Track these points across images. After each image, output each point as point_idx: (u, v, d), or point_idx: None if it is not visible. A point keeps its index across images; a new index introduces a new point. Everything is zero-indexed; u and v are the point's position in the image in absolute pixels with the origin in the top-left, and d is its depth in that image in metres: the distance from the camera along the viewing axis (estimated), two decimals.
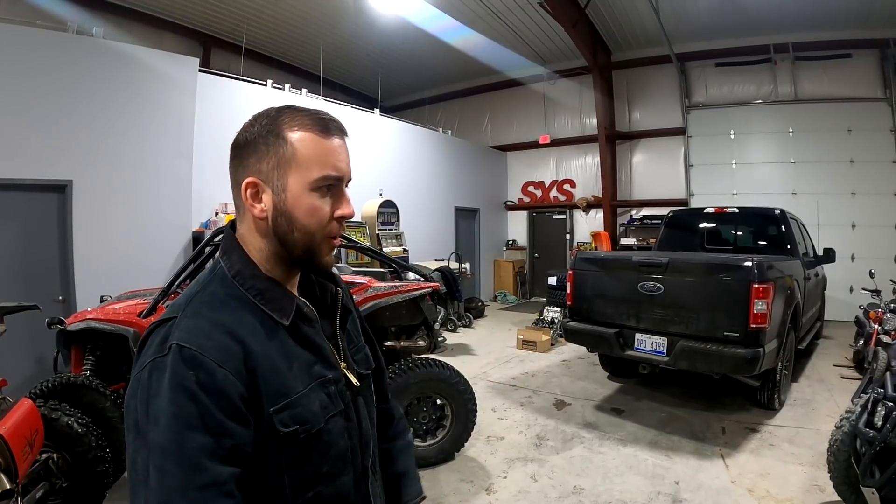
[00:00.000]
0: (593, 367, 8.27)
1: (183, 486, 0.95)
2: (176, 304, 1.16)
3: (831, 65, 12.36)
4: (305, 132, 1.17)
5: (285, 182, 1.16)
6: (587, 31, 12.95)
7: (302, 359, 1.19)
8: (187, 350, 1.02)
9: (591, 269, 6.61)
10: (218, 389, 1.01)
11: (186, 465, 0.96)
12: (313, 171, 1.16)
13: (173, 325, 1.08)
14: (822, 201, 12.24)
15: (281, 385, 1.11)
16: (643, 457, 5.21)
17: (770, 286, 5.36)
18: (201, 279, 1.22)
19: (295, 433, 1.11)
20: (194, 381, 1.00)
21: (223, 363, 1.04)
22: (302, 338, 1.21)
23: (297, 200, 1.17)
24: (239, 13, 12.34)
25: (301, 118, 1.18)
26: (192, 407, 0.99)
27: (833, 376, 7.74)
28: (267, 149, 1.16)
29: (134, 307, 4.94)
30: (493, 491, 4.60)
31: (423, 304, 5.45)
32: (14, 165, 6.45)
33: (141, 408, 1.01)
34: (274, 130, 1.17)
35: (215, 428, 1.00)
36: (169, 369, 1.01)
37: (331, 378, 1.23)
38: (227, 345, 1.07)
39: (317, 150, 1.17)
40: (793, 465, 4.91)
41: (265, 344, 1.12)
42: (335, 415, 1.21)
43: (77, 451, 3.82)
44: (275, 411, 1.09)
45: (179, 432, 0.97)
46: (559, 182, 16.45)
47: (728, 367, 5.48)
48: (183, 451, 0.97)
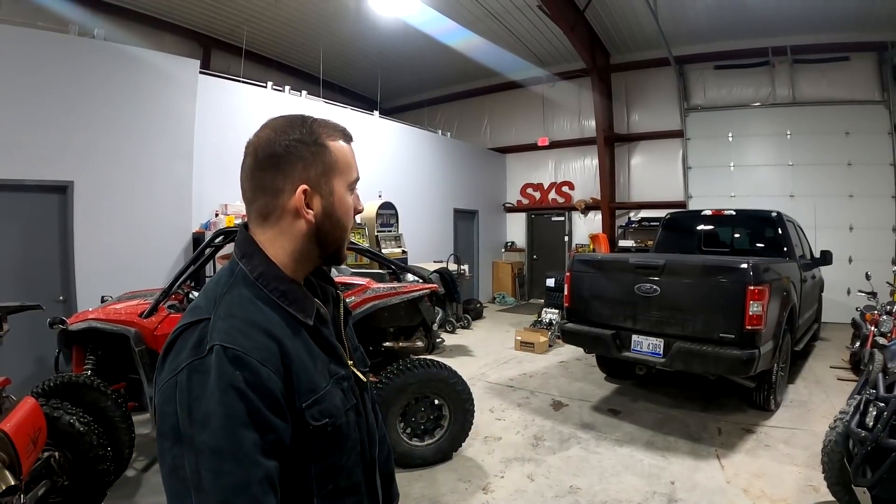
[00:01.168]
0: (591, 369, 8.31)
1: (243, 484, 0.99)
2: (199, 306, 1.19)
3: (829, 67, 12.41)
4: (338, 141, 1.28)
5: (332, 187, 1.26)
6: (586, 34, 12.99)
7: (321, 357, 1.25)
8: (231, 350, 1.05)
9: (589, 271, 6.65)
10: (263, 387, 1.05)
11: (244, 462, 1.00)
12: (350, 174, 1.30)
13: (206, 326, 1.10)
14: (819, 204, 12.27)
15: (310, 382, 1.17)
16: (639, 457, 5.25)
17: (766, 288, 5.40)
18: (222, 281, 1.23)
19: (324, 427, 1.17)
20: (242, 381, 1.03)
21: (265, 362, 1.07)
22: (321, 338, 1.27)
23: (341, 201, 1.28)
24: (239, 15, 12.36)
25: (329, 128, 1.28)
26: (243, 406, 1.02)
27: (829, 378, 7.77)
28: (312, 157, 1.23)
29: (135, 308, 4.99)
30: (491, 490, 4.65)
31: (422, 305, 5.50)
32: (16, 166, 6.49)
33: (182, 412, 1.02)
34: (316, 140, 1.24)
35: (263, 424, 1.04)
36: (214, 370, 1.03)
37: (343, 375, 1.29)
38: (267, 344, 1.11)
39: (348, 155, 1.30)
40: (788, 466, 4.95)
41: (295, 342, 1.17)
42: (349, 409, 1.28)
43: (79, 450, 3.86)
44: (306, 406, 1.14)
45: (234, 431, 1.00)
46: (558, 184, 16.48)
47: (724, 368, 5.52)
48: (240, 449, 1.00)
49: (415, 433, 5.05)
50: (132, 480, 4.77)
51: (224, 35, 13.34)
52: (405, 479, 4.71)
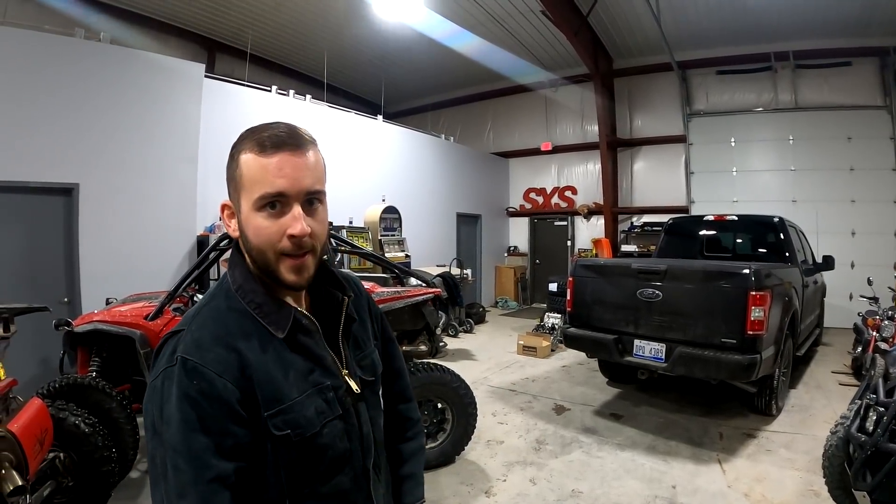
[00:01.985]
0: (593, 373, 8.33)
1: (193, 480, 1.07)
2: (187, 316, 1.27)
3: (831, 73, 12.43)
4: (248, 153, 1.19)
5: (239, 204, 1.23)
6: (589, 39, 13.01)
7: (298, 367, 1.26)
8: (190, 362, 1.13)
9: (591, 276, 6.67)
10: (217, 397, 1.12)
11: (194, 463, 1.08)
12: (254, 192, 1.18)
13: (180, 338, 1.19)
14: (821, 209, 12.28)
15: (275, 392, 1.20)
16: (641, 461, 5.27)
17: (767, 293, 5.42)
18: (211, 292, 1.33)
19: (287, 436, 1.19)
20: (196, 391, 1.11)
21: (222, 374, 1.14)
22: (299, 347, 1.28)
23: (247, 221, 1.22)
24: (243, 18, 12.41)
25: (251, 139, 1.21)
26: (195, 413, 1.10)
27: (831, 383, 7.78)
28: (230, 173, 1.24)
29: (140, 310, 5.00)
30: (493, 494, 4.67)
31: (425, 309, 5.51)
32: (21, 168, 6.53)
33: (156, 412, 1.13)
34: (233, 155, 1.23)
35: (217, 430, 1.11)
36: (175, 379, 1.12)
37: (329, 385, 1.29)
38: (226, 357, 1.17)
39: (255, 170, 1.18)
40: (789, 471, 4.96)
41: (261, 354, 1.21)
42: (333, 419, 1.28)
43: (83, 451, 3.89)
44: (269, 416, 1.18)
45: (186, 434, 1.09)
46: (561, 189, 16.49)
47: (725, 373, 5.54)
48: (190, 450, 1.08)
49: None
50: (136, 482, 4.79)
51: (228, 39, 13.39)
52: None
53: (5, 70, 6.48)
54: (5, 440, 2.89)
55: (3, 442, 2.87)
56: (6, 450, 2.88)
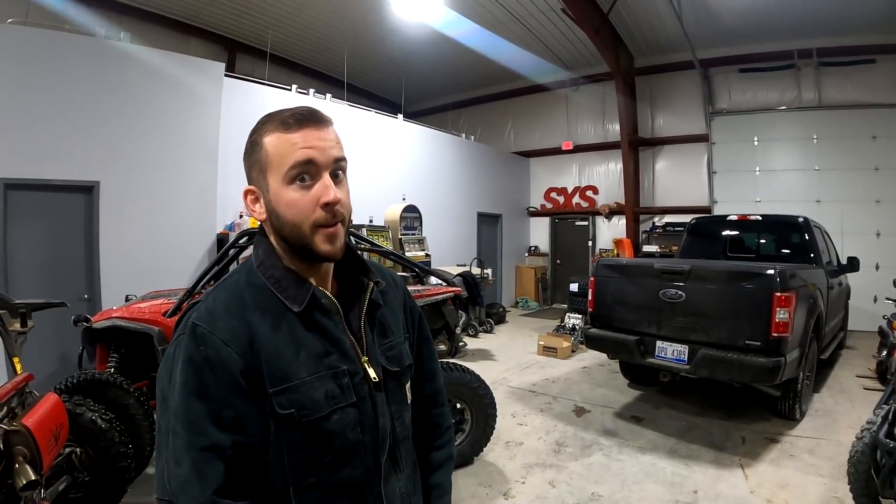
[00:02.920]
0: (614, 375, 8.27)
1: (187, 446, 1.09)
2: (209, 290, 1.30)
3: (855, 70, 12.22)
4: (272, 133, 1.22)
5: (267, 184, 1.24)
6: (610, 37, 12.93)
7: (312, 347, 1.24)
8: (200, 328, 1.16)
9: (613, 276, 6.62)
10: (221, 365, 1.13)
11: (190, 427, 1.10)
12: (283, 166, 1.20)
13: (196, 307, 1.23)
14: (846, 209, 12.07)
15: (282, 369, 1.18)
16: (662, 465, 5.21)
17: (792, 295, 5.34)
18: (235, 269, 1.36)
19: (291, 416, 1.17)
20: (201, 356, 1.13)
21: (228, 342, 1.15)
22: (316, 327, 1.26)
23: (278, 197, 1.23)
24: (264, 19, 12.49)
25: (272, 122, 1.24)
26: (197, 377, 1.12)
27: (855, 387, 7.65)
28: (251, 158, 1.26)
29: (159, 307, 5.03)
30: (511, 496, 4.63)
31: (445, 308, 5.49)
32: (43, 166, 6.65)
33: (166, 377, 1.17)
34: (255, 140, 1.25)
35: (217, 398, 1.12)
36: (184, 344, 1.15)
37: (345, 370, 1.26)
38: (236, 327, 1.17)
39: (282, 145, 1.21)
40: (812, 477, 4.87)
41: (273, 330, 1.20)
42: (345, 406, 1.24)
43: (100, 446, 3.93)
44: (274, 392, 1.17)
45: (186, 398, 1.11)
46: (582, 188, 16.42)
47: (749, 375, 5.45)
48: (188, 414, 1.10)
49: None
50: (152, 478, 4.80)
51: (249, 39, 13.48)
52: None
53: (28, 70, 6.61)
54: (19, 434, 2.91)
55: (17, 436, 2.90)
56: (20, 444, 2.90)
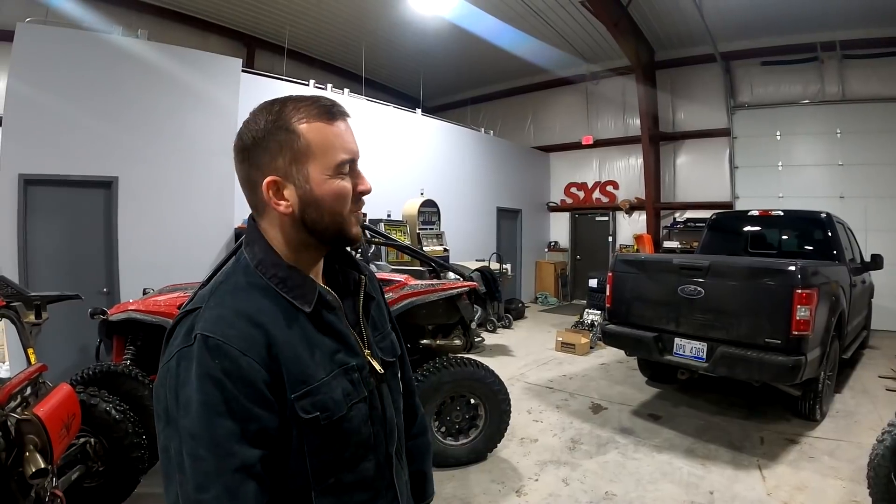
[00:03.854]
0: (632, 372, 8.22)
1: (216, 471, 1.00)
2: (202, 294, 1.21)
3: (880, 63, 11.94)
4: (313, 122, 1.18)
5: (306, 174, 1.18)
6: (629, 30, 12.81)
7: (324, 346, 1.21)
8: (212, 339, 1.06)
9: (631, 272, 6.57)
10: (242, 377, 1.05)
11: (218, 451, 1.01)
12: (331, 157, 1.18)
13: (198, 315, 1.12)
14: (870, 205, 11.86)
15: (302, 372, 1.14)
16: (678, 464, 5.15)
17: (814, 292, 5.24)
18: (226, 269, 1.27)
19: (316, 419, 1.14)
20: (220, 370, 1.04)
21: (246, 351, 1.07)
22: (324, 325, 1.23)
23: (324, 187, 1.19)
24: (282, 15, 12.57)
25: (305, 108, 1.19)
26: (219, 394, 1.03)
27: (878, 388, 7.52)
28: (279, 146, 1.17)
29: (175, 300, 5.07)
30: (524, 493, 4.62)
31: (461, 303, 5.47)
32: (63, 162, 6.77)
33: (171, 396, 1.06)
34: (283, 125, 1.18)
35: (242, 413, 1.04)
36: (195, 359, 1.05)
37: (355, 365, 1.25)
38: (250, 333, 1.10)
39: (328, 137, 1.18)
40: (832, 480, 4.79)
41: (287, 331, 1.15)
42: (359, 401, 1.23)
43: (114, 437, 3.98)
44: (296, 398, 1.12)
45: (209, 419, 1.02)
46: (602, 183, 16.33)
47: (769, 374, 5.37)
48: (213, 437, 1.01)
49: (449, 432, 5.05)
50: None
51: (267, 35, 13.55)
52: (437, 479, 4.67)
53: (47, 68, 6.72)
54: (31, 424, 2.92)
55: (28, 425, 2.91)
56: (31, 433, 2.91)
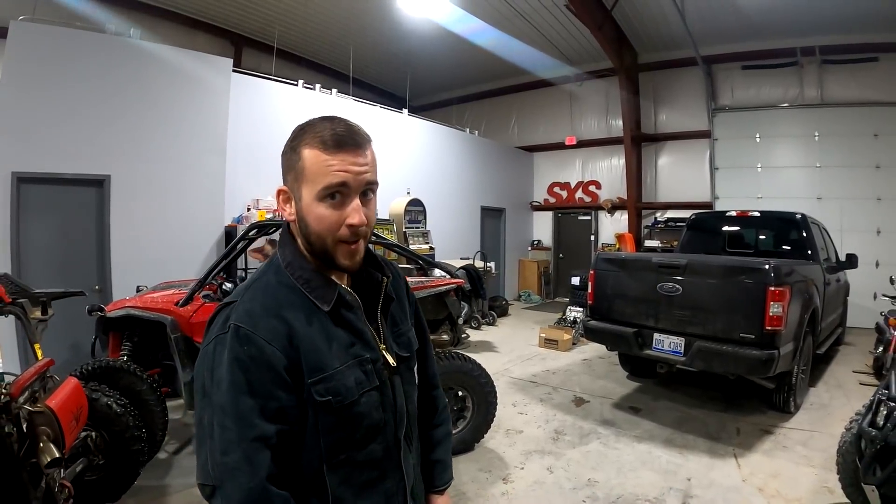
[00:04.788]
0: (613, 367, 8.41)
1: (238, 439, 1.19)
2: (239, 289, 1.40)
3: (858, 68, 12.24)
4: (313, 149, 1.30)
5: (300, 193, 1.34)
6: (613, 33, 13.01)
7: (341, 340, 1.37)
8: (242, 329, 1.25)
9: (612, 270, 6.74)
10: (266, 362, 1.24)
11: (240, 423, 1.20)
12: (317, 184, 1.30)
13: (234, 307, 1.31)
14: (846, 206, 12.13)
15: (319, 361, 1.31)
16: (657, 453, 5.35)
17: (786, 289, 5.45)
18: (261, 268, 1.45)
19: (329, 402, 1.30)
20: (247, 356, 1.23)
21: (271, 341, 1.25)
22: (342, 321, 1.39)
23: (308, 209, 1.33)
24: (270, 14, 12.61)
25: (314, 134, 1.32)
26: (245, 376, 1.22)
27: (852, 382, 7.75)
28: (290, 163, 1.35)
29: (171, 297, 5.20)
30: (510, 481, 4.78)
31: (448, 299, 5.63)
32: (55, 161, 6.80)
33: (207, 375, 1.26)
34: (294, 147, 1.33)
35: (263, 393, 1.23)
36: (228, 344, 1.24)
37: (368, 358, 1.40)
38: (276, 326, 1.28)
39: (320, 164, 1.29)
40: (804, 467, 5.00)
41: (307, 325, 1.32)
42: (370, 390, 1.39)
43: (115, 430, 4.06)
44: (312, 383, 1.29)
45: (235, 396, 1.21)
46: (585, 183, 16.52)
47: (743, 367, 5.57)
48: (238, 411, 1.20)
49: None
50: (164, 462, 5.02)
51: (255, 33, 13.60)
52: None
53: (40, 66, 6.74)
54: (44, 415, 3.03)
55: (41, 417, 3.02)
56: (44, 424, 3.02)
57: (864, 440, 3.47)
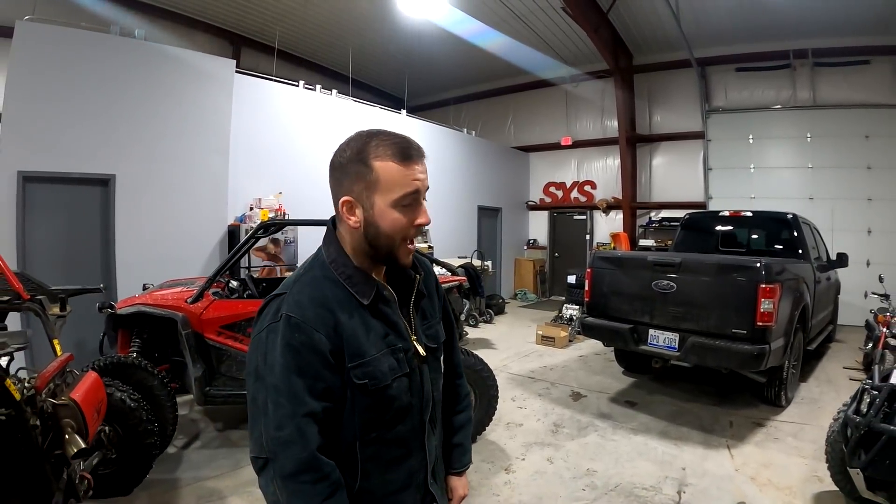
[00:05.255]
0: (609, 363, 8.55)
1: (291, 415, 1.36)
2: (287, 282, 1.55)
3: (850, 71, 12.42)
4: (387, 161, 1.45)
5: (372, 201, 1.46)
6: (609, 36, 13.16)
7: (378, 330, 1.53)
8: (293, 319, 1.41)
9: (609, 268, 6.88)
10: (314, 347, 1.40)
11: (294, 400, 1.37)
12: (394, 193, 1.46)
13: (283, 299, 1.47)
14: (838, 206, 12.29)
15: (359, 348, 1.47)
16: (653, 445, 5.51)
17: (777, 287, 5.61)
18: (307, 263, 1.60)
19: (365, 385, 1.47)
20: (298, 342, 1.39)
21: (318, 328, 1.42)
22: (380, 313, 1.55)
23: (382, 215, 1.47)
24: (269, 14, 12.71)
25: (384, 147, 1.46)
26: (296, 359, 1.39)
27: (842, 378, 7.90)
28: (357, 175, 1.46)
29: (180, 294, 5.34)
30: (512, 471, 4.93)
31: (450, 296, 5.76)
32: (61, 160, 6.90)
33: (260, 359, 1.42)
34: (363, 160, 1.45)
35: (312, 374, 1.40)
36: (280, 332, 1.40)
37: (401, 347, 1.57)
38: (323, 315, 1.44)
39: (396, 175, 1.45)
40: (795, 458, 5.15)
41: (349, 316, 1.48)
42: (401, 376, 1.55)
43: (129, 425, 4.17)
44: (352, 367, 1.46)
45: (288, 377, 1.38)
46: (580, 183, 16.65)
47: (735, 362, 5.75)
48: (291, 390, 1.37)
49: None
50: (174, 457, 5.12)
51: (255, 34, 13.70)
52: None
53: (46, 66, 6.83)
54: (69, 408, 3.15)
55: (66, 410, 3.14)
56: (69, 417, 3.14)
57: (849, 427, 3.64)
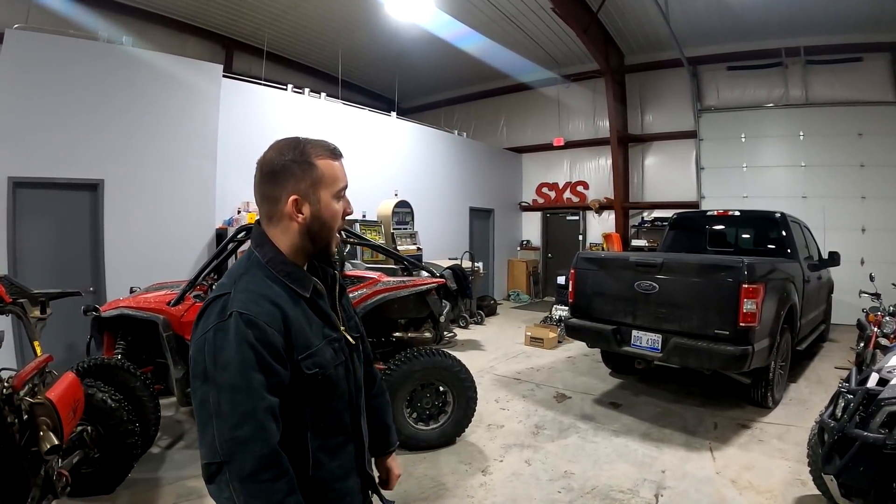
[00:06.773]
0: (596, 364, 8.51)
1: (252, 412, 1.37)
2: (223, 283, 1.57)
3: (842, 69, 12.41)
4: (326, 159, 1.60)
5: (318, 196, 1.59)
6: (599, 36, 13.16)
7: (316, 322, 1.61)
8: (246, 315, 1.43)
9: (592, 269, 6.86)
10: (268, 342, 1.43)
11: (253, 396, 1.38)
12: (336, 185, 1.62)
13: (228, 299, 1.48)
14: (831, 205, 12.28)
15: (306, 340, 1.54)
16: (634, 447, 5.47)
17: (760, 286, 5.58)
18: (241, 265, 1.63)
19: (315, 375, 1.54)
20: (253, 337, 1.41)
21: (270, 323, 1.45)
22: (317, 307, 1.64)
23: (328, 207, 1.61)
24: (260, 18, 12.73)
25: (320, 148, 1.61)
26: (253, 355, 1.40)
27: (833, 378, 7.80)
28: (302, 173, 1.57)
29: (163, 297, 5.39)
30: (489, 472, 4.90)
31: (430, 298, 5.79)
32: (50, 165, 6.95)
33: (209, 360, 1.41)
34: (307, 160, 1.57)
35: (268, 369, 1.42)
36: (233, 329, 1.41)
37: (335, 337, 1.66)
38: (272, 311, 1.48)
39: (336, 170, 1.62)
40: (778, 460, 5.11)
41: (294, 310, 1.54)
42: (339, 364, 1.64)
43: (110, 425, 4.21)
44: (301, 359, 1.51)
45: (246, 373, 1.39)
46: (572, 184, 16.67)
47: (718, 363, 5.70)
48: (250, 386, 1.38)
49: (420, 418, 5.35)
50: (157, 457, 5.14)
51: (246, 37, 13.73)
52: (410, 461, 5.01)
53: (35, 73, 6.89)
54: (44, 406, 3.21)
55: (41, 408, 3.20)
56: (44, 415, 3.20)
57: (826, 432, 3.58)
